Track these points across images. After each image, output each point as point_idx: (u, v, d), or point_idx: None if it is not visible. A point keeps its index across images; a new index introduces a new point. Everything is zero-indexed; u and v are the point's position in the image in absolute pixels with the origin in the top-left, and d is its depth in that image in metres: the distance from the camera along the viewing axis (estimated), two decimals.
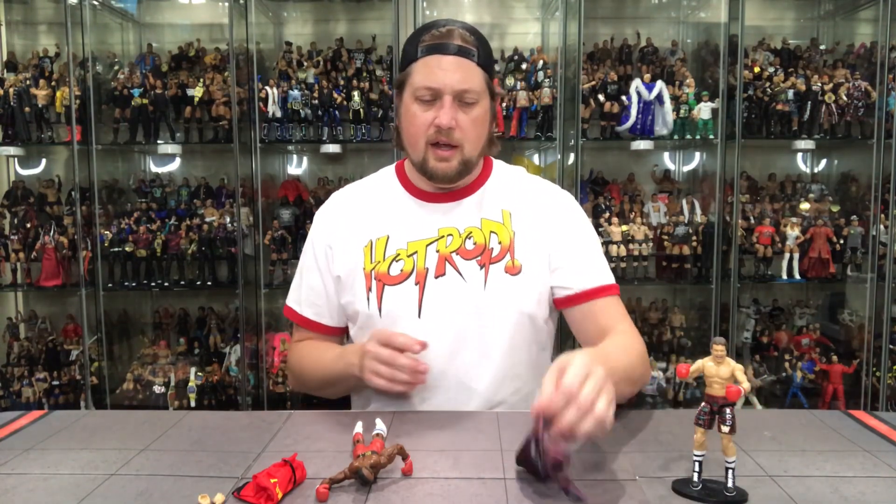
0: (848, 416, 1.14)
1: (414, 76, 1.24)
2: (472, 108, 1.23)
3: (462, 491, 0.86)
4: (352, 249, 1.31)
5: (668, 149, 3.13)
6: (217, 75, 2.84)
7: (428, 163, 1.25)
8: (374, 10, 3.10)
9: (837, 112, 2.80)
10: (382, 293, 1.27)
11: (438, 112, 1.21)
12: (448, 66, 1.21)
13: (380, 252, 1.29)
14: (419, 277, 1.26)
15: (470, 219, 1.30)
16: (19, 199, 2.96)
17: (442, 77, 1.21)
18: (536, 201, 1.34)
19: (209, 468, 0.94)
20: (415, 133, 1.25)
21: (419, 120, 1.23)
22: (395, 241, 1.29)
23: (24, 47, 3.10)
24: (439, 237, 1.28)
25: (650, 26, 3.09)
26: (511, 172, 1.40)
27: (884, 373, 2.78)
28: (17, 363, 2.92)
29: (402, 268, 1.27)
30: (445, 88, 1.21)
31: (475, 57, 1.23)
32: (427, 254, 1.27)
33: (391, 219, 1.32)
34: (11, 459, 0.98)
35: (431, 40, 1.23)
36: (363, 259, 1.30)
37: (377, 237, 1.30)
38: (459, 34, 1.24)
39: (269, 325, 2.92)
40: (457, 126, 1.22)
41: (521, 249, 1.28)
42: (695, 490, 0.85)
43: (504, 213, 1.31)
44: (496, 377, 1.26)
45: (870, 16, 2.99)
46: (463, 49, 1.22)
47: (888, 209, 2.75)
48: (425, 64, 1.23)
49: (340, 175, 3.11)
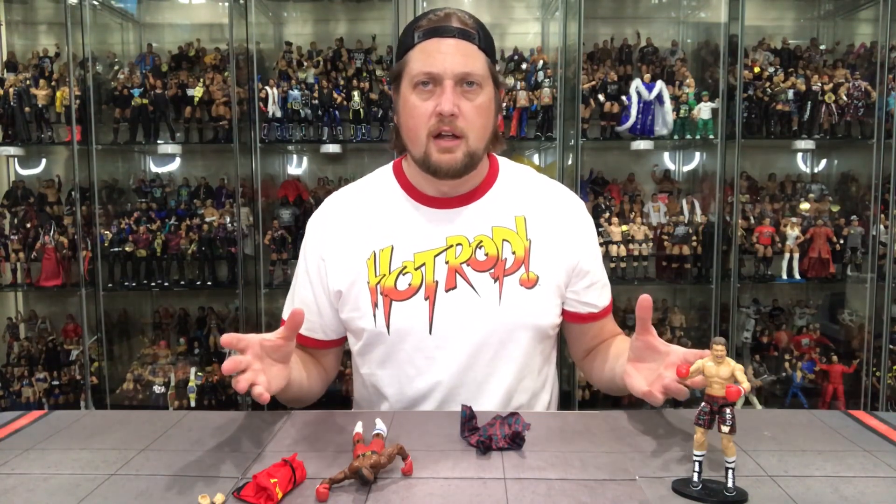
0: (848, 416, 1.14)
1: (411, 64, 1.15)
2: (475, 95, 1.14)
3: (462, 491, 0.86)
4: (352, 262, 1.22)
5: (668, 149, 3.13)
6: (217, 75, 2.84)
7: (431, 157, 1.15)
8: (374, 10, 3.10)
9: (837, 112, 2.80)
10: (390, 309, 1.19)
11: (439, 99, 1.12)
12: (448, 50, 1.12)
13: (384, 264, 1.20)
14: (429, 291, 1.18)
15: (479, 226, 1.22)
16: (19, 199, 2.96)
17: (441, 60, 1.12)
18: (553, 207, 1.26)
19: (209, 468, 0.94)
20: (415, 126, 1.15)
21: (419, 111, 1.14)
22: (401, 253, 1.20)
23: (24, 47, 3.10)
24: (447, 247, 1.20)
25: (650, 26, 3.09)
26: (520, 173, 1.31)
27: (884, 373, 2.78)
28: (17, 363, 2.92)
29: (410, 281, 1.19)
30: (446, 72, 1.11)
31: (476, 40, 1.15)
32: (436, 265, 1.19)
33: (394, 227, 1.23)
34: (11, 459, 0.98)
35: (429, 24, 1.15)
36: (367, 272, 1.21)
37: (381, 248, 1.21)
38: (458, 17, 1.15)
39: (269, 325, 2.92)
40: (460, 114, 1.12)
41: (537, 260, 1.21)
42: (695, 490, 0.85)
43: (517, 219, 1.23)
44: (507, 392, 1.23)
45: (870, 16, 2.99)
46: (463, 31, 1.14)
47: (888, 209, 2.75)
48: (423, 49, 1.14)
49: (340, 175, 3.11)
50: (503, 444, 0.98)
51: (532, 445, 1.00)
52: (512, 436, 0.98)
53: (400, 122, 1.21)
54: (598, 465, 0.94)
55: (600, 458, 0.96)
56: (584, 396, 2.84)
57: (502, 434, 0.99)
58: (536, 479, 0.89)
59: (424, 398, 1.23)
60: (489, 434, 0.99)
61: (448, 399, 1.22)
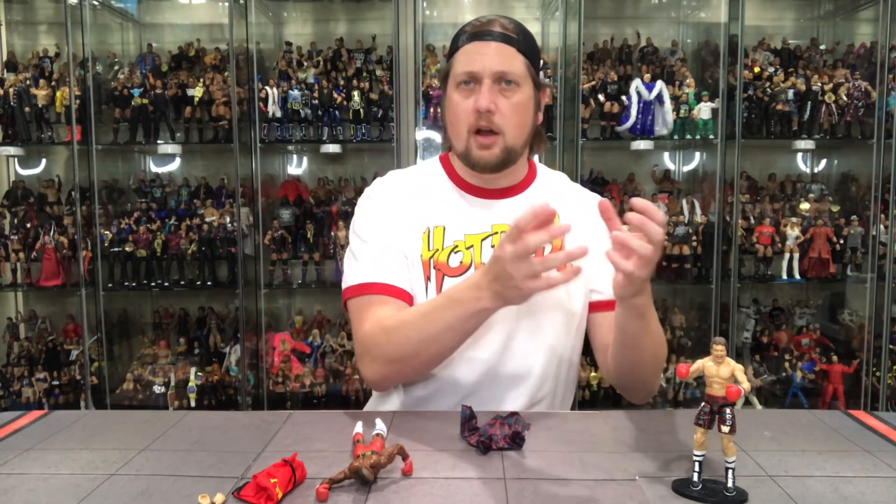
0: (848, 416, 1.14)
1: (455, 66, 1.25)
2: (512, 93, 1.22)
3: (462, 491, 0.86)
4: (410, 232, 1.28)
5: (668, 149, 3.13)
6: (217, 75, 2.84)
7: (471, 151, 1.24)
8: (374, 10, 3.10)
9: (837, 112, 2.80)
10: (442, 283, 1.25)
11: (478, 96, 1.21)
12: (488, 51, 1.22)
13: (438, 241, 1.27)
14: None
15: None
16: (19, 199, 2.96)
17: (481, 61, 1.21)
18: (581, 205, 1.34)
19: (209, 468, 0.94)
20: (456, 122, 1.25)
21: (460, 108, 1.23)
22: (453, 233, 1.28)
23: (24, 47, 3.10)
24: (493, 233, 1.28)
25: (650, 26, 3.09)
26: (555, 176, 1.42)
27: (884, 373, 2.78)
28: (17, 363, 2.92)
29: (461, 260, 1.26)
30: (485, 71, 1.20)
31: (517, 43, 1.23)
32: (482, 249, 1.26)
33: (445, 210, 1.30)
34: (11, 459, 0.98)
35: (472, 29, 1.25)
36: (421, 245, 1.27)
37: (434, 225, 1.28)
38: (500, 23, 1.25)
39: (269, 325, 2.92)
40: (497, 110, 1.21)
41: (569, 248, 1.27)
42: (695, 490, 0.85)
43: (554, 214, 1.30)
44: (542, 373, 1.27)
45: (870, 16, 2.99)
46: (503, 35, 1.23)
47: (888, 209, 2.75)
48: (466, 52, 1.24)
49: (340, 175, 3.11)
50: (503, 444, 0.98)
51: (532, 445, 1.00)
52: (512, 436, 0.99)
53: (445, 119, 1.30)
54: (598, 465, 0.94)
55: (600, 458, 0.96)
56: (585, 396, 2.84)
57: (502, 434, 0.99)
58: (536, 479, 0.89)
59: (465, 378, 1.25)
60: (489, 434, 0.99)
61: (492, 377, 1.24)
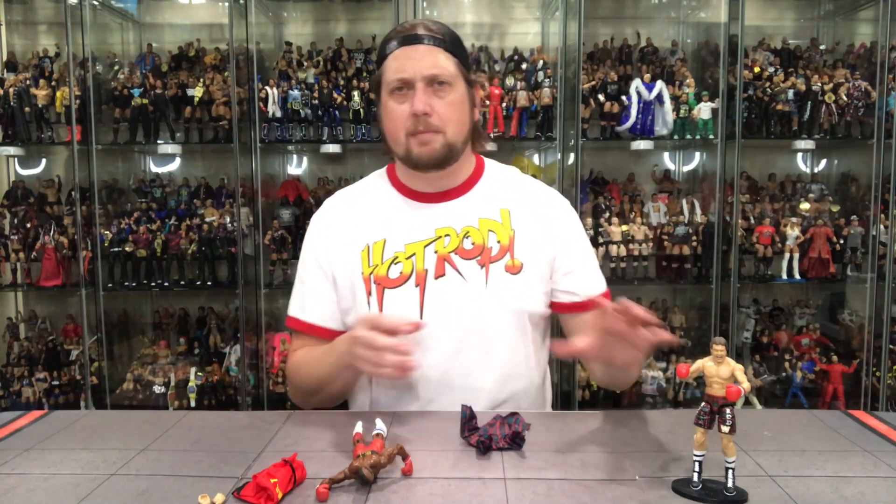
0: (848, 416, 1.14)
1: (387, 73, 1.26)
2: (446, 93, 1.24)
3: (462, 491, 0.86)
4: (349, 255, 1.31)
5: (668, 149, 3.13)
6: (217, 75, 2.84)
7: (412, 151, 1.25)
8: (374, 10, 3.10)
9: (837, 112, 2.80)
10: (383, 296, 1.26)
11: (413, 100, 1.22)
12: (416, 55, 1.23)
13: (377, 255, 1.29)
14: (419, 279, 1.26)
15: (466, 218, 1.30)
16: (19, 199, 2.96)
17: (412, 66, 1.22)
18: (536, 201, 1.35)
19: (209, 468, 0.94)
20: (394, 127, 1.25)
21: (396, 113, 1.24)
22: (393, 244, 1.29)
23: (24, 47, 3.10)
24: (436, 238, 1.28)
25: (650, 26, 3.09)
26: (505, 172, 1.41)
27: (884, 373, 2.78)
28: (17, 363, 2.92)
29: (402, 270, 1.27)
30: (416, 76, 1.21)
31: (444, 44, 1.25)
32: (425, 255, 1.27)
33: (386, 222, 1.31)
34: (11, 459, 0.98)
35: (397, 35, 1.26)
36: (361, 264, 1.29)
37: (374, 241, 1.30)
38: (424, 25, 1.26)
39: (269, 325, 2.92)
40: (433, 111, 1.22)
41: (521, 248, 1.28)
42: (695, 490, 0.85)
43: (502, 211, 1.31)
44: (500, 375, 1.27)
45: (870, 16, 2.99)
46: (429, 37, 1.24)
47: (888, 209, 2.75)
48: (395, 58, 1.25)
49: (340, 175, 3.11)
50: (503, 444, 0.98)
51: (532, 445, 1.00)
52: (512, 436, 0.99)
53: (383, 127, 1.31)
54: (598, 465, 0.94)
55: (600, 458, 0.96)
56: (585, 396, 2.84)
57: (502, 434, 0.99)
58: (536, 479, 0.89)
59: (418, 384, 1.26)
60: (489, 434, 0.99)
61: (443, 385, 1.25)
